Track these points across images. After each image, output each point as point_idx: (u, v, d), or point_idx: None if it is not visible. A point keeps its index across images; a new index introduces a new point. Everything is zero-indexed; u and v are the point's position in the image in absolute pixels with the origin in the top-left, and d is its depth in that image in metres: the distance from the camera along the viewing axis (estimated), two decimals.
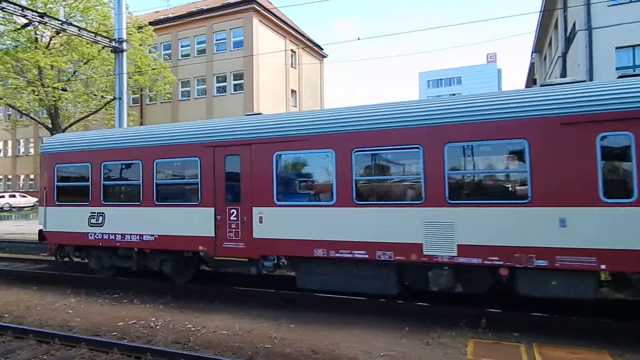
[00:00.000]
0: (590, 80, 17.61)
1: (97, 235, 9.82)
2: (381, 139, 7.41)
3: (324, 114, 8.36)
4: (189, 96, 37.56)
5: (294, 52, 40.13)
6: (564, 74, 21.80)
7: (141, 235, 9.31)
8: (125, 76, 19.24)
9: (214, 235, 8.61)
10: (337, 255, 7.57)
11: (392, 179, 7.87)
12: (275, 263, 8.45)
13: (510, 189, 6.93)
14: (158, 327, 7.41)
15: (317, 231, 7.74)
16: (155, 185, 9.28)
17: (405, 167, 7.71)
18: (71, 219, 10.15)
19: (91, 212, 9.90)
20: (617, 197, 6.07)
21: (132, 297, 9.35)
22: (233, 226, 8.46)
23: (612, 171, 6.30)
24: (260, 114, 9.59)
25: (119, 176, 10.05)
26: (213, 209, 8.65)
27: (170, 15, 38.58)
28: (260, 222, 8.18)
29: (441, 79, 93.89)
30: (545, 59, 29.91)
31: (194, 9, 38.00)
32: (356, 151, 7.56)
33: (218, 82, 36.20)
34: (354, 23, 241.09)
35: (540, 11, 24.61)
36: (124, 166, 9.89)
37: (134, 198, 9.55)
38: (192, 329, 7.28)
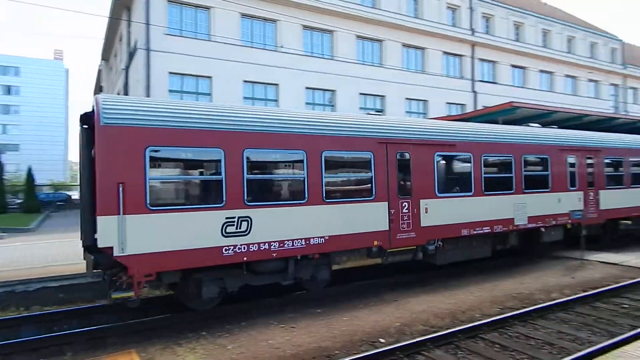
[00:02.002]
0: (148, 96, 19.26)
1: (239, 248, 7.18)
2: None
3: (468, 127, 10.84)
4: None
5: None
6: (126, 87, 22.75)
7: (308, 239, 7.85)
8: None
9: (388, 228, 8.87)
10: (475, 232, 10.09)
11: (501, 176, 11.02)
12: (435, 246, 9.67)
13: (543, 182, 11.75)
14: None
15: (464, 216, 10.00)
16: (323, 180, 8.14)
17: (504, 167, 11.03)
18: (184, 231, 6.72)
19: (227, 217, 7.05)
20: None
21: None
22: (405, 218, 9.14)
23: None
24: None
25: (270, 169, 8.08)
26: (387, 203, 8.90)
27: None
28: (426, 212, 9.39)
29: None
30: (112, 68, 30.35)
31: None
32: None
33: None
34: None
35: (109, 17, 24.70)
36: (278, 157, 7.94)
37: (296, 195, 7.98)
38: None
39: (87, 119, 6.91)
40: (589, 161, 12.74)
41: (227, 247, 7.10)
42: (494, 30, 32.24)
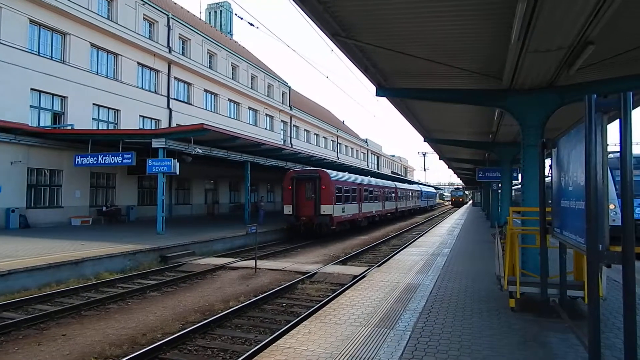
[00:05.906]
0: None
1: (343, 216, 23.31)
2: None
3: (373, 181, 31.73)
4: None
5: None
6: None
7: (356, 213, 25.73)
8: None
9: (358, 212, 26.27)
10: (370, 215, 29.31)
11: (375, 195, 31.90)
12: (364, 218, 28.41)
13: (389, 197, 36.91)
14: None
15: (371, 209, 29.81)
16: (355, 195, 25.99)
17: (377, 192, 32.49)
18: (339, 211, 22.80)
19: (342, 207, 23.40)
20: None
21: None
22: (360, 209, 26.87)
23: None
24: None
25: (344, 192, 24.16)
26: (359, 203, 26.46)
27: None
28: (363, 207, 27.54)
29: None
30: None
31: None
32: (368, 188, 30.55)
33: None
34: None
35: None
36: (347, 188, 24.76)
37: (351, 199, 25.02)
38: None
39: (319, 175, 22.25)
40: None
41: (342, 215, 23.09)
42: (190, 54, 33.72)
